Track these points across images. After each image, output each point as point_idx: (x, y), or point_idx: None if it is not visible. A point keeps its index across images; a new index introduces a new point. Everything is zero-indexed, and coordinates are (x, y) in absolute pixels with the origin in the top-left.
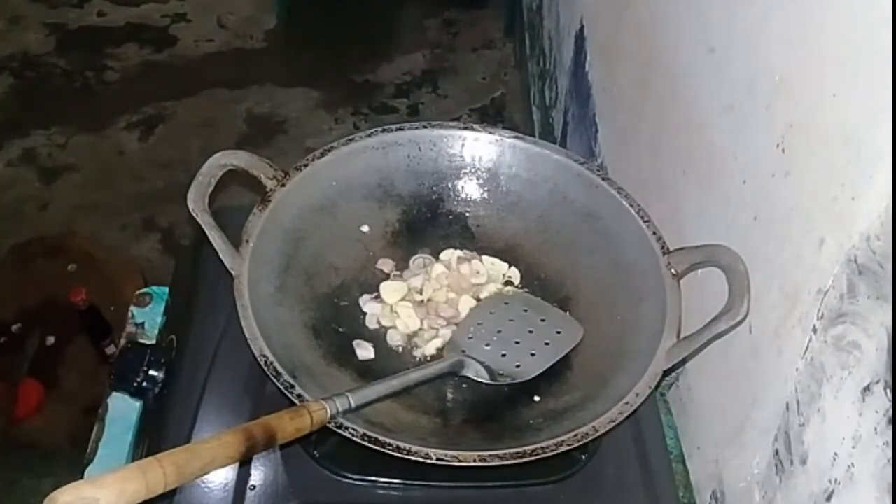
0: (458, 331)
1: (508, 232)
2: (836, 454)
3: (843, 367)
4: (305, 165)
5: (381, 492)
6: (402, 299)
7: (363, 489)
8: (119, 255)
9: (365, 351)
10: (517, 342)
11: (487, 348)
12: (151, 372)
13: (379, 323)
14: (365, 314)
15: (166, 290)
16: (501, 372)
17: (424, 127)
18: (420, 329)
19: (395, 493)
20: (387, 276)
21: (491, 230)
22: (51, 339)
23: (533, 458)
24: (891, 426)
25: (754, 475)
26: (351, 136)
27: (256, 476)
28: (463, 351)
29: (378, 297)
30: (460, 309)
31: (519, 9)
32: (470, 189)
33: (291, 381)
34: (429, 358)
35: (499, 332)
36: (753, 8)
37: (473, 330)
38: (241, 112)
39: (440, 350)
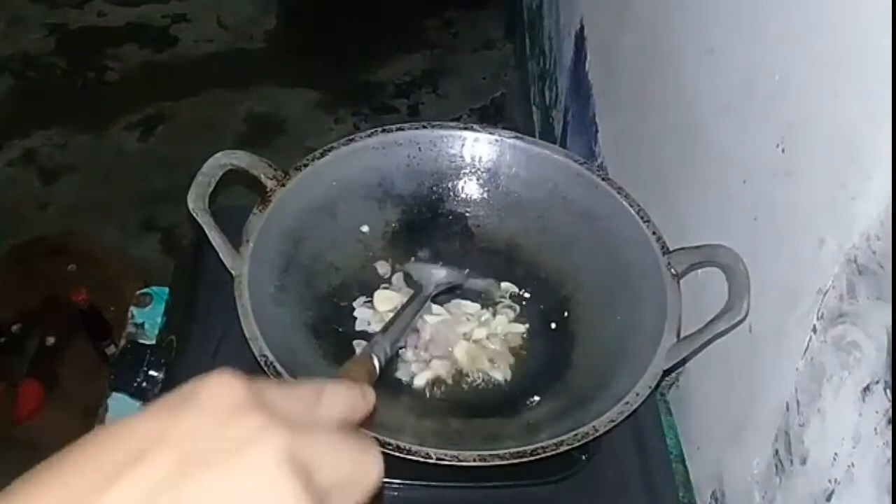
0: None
1: (508, 232)
2: (836, 454)
3: (843, 367)
4: (305, 165)
5: None
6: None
7: None
8: (119, 255)
9: None
10: None
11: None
12: (151, 372)
13: (368, 325)
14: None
15: (166, 290)
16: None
17: (424, 127)
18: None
19: (395, 493)
20: (382, 279)
21: (491, 230)
22: (51, 339)
23: (533, 458)
24: (891, 426)
25: (754, 475)
26: (351, 136)
27: None
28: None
29: (370, 302)
30: (455, 353)
31: (519, 9)
32: (470, 189)
33: None
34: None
35: None
36: (753, 8)
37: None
38: (241, 112)
39: (431, 381)
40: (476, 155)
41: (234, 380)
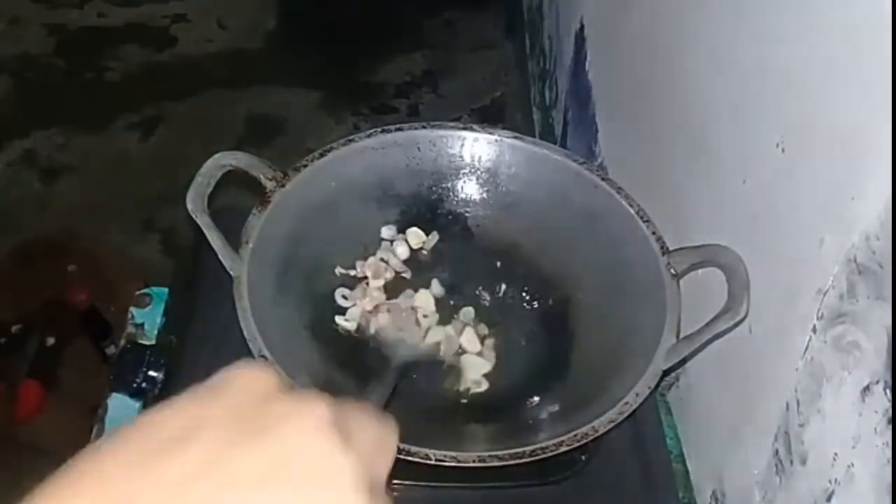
0: None
1: (508, 232)
2: (836, 454)
3: (843, 367)
4: (305, 166)
5: None
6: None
7: None
8: (119, 256)
9: None
10: None
11: None
12: (151, 372)
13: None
14: None
15: (166, 290)
16: None
17: (424, 127)
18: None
19: (395, 493)
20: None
21: (491, 230)
22: (51, 340)
23: (532, 459)
24: (891, 426)
25: (754, 475)
26: (350, 137)
27: None
28: None
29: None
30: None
31: (519, 9)
32: (470, 189)
33: (291, 382)
34: None
35: None
36: (754, 8)
37: None
38: (241, 112)
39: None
40: (476, 155)
41: (264, 370)
